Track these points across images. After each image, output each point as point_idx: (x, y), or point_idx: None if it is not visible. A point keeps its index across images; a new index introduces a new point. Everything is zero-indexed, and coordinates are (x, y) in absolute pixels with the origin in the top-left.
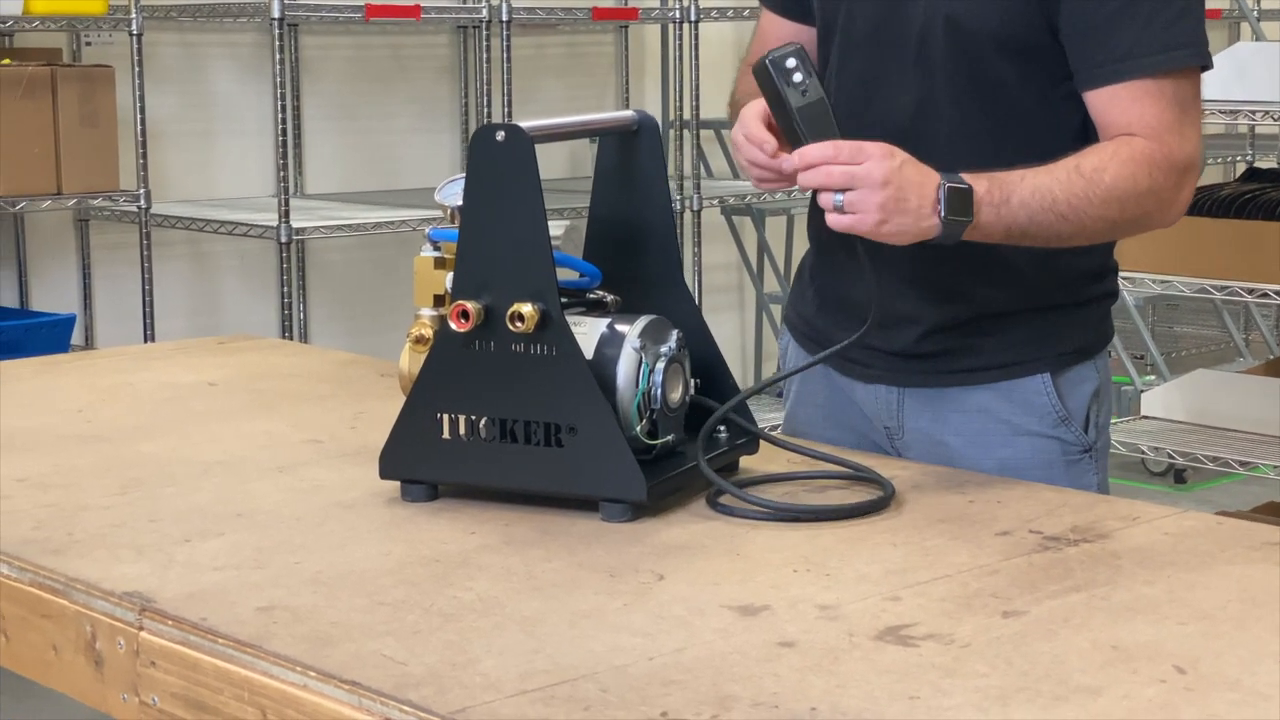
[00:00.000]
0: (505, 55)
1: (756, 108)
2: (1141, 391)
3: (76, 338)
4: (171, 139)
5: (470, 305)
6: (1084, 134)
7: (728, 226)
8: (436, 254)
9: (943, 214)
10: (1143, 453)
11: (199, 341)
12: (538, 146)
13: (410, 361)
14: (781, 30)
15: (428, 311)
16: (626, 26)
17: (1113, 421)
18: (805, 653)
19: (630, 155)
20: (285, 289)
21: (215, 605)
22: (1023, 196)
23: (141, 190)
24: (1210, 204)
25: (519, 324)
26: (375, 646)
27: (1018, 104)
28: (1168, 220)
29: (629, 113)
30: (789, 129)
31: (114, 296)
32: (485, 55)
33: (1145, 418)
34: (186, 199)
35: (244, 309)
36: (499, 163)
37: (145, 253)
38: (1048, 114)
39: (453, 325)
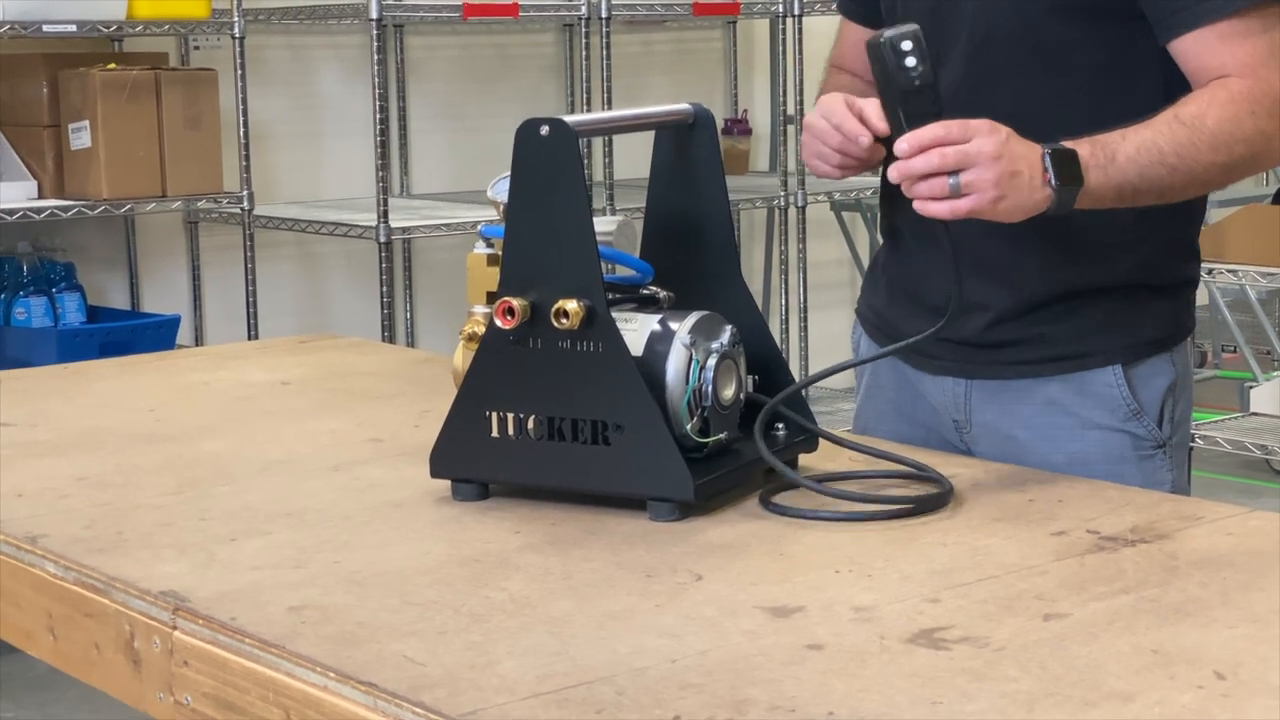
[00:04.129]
0: (605, 52)
1: (840, 98)
2: (1249, 388)
3: (187, 339)
4: (280, 140)
5: (516, 302)
6: (1167, 99)
7: (838, 223)
8: (490, 251)
9: (1054, 182)
10: (1249, 450)
11: (280, 341)
12: (642, 141)
13: (464, 359)
14: (860, 36)
15: (480, 309)
16: (734, 22)
17: (1221, 418)
18: (832, 656)
19: (686, 149)
20: (384, 288)
21: (247, 605)
22: (1128, 153)
23: (245, 192)
24: None
25: (564, 320)
26: (398, 647)
27: (1086, 69)
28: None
29: (685, 106)
30: (893, 113)
31: (223, 297)
32: (585, 52)
33: (1254, 414)
34: (294, 200)
35: (351, 309)
36: (543, 158)
37: (249, 254)
38: (1122, 79)
39: (498, 322)
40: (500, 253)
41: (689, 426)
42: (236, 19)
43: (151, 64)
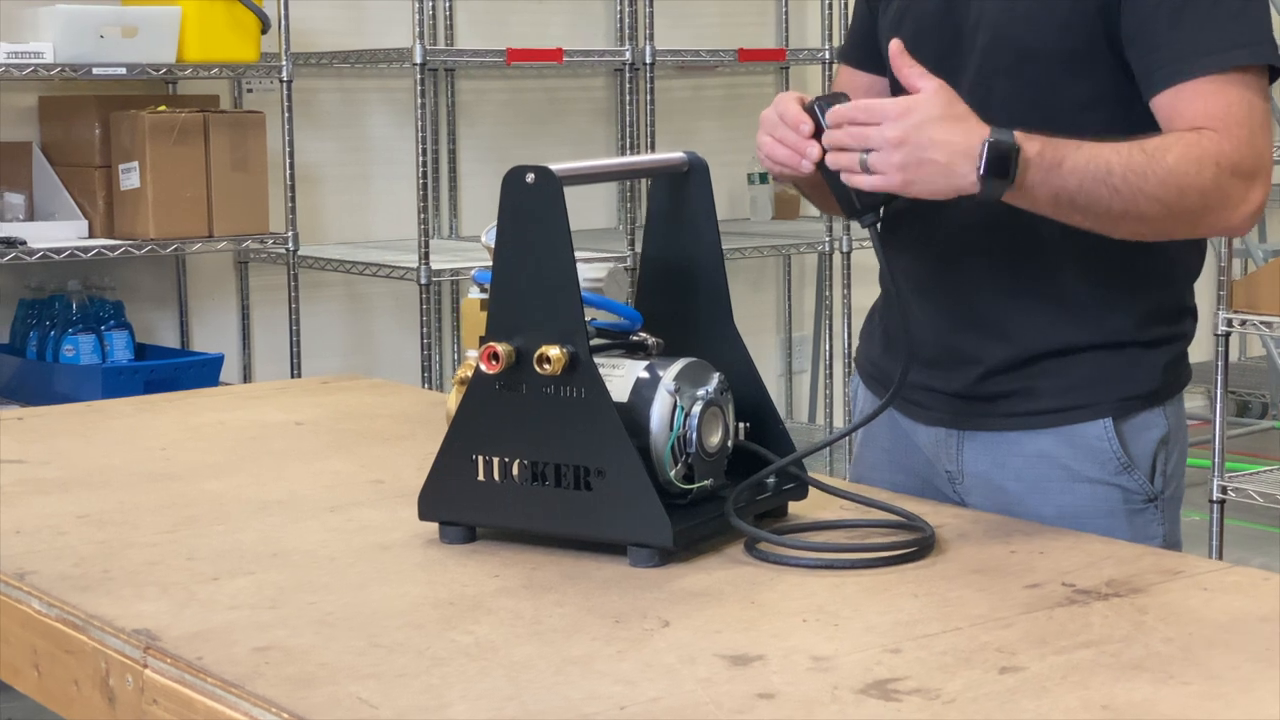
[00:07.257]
0: (650, 97)
1: (793, 93)
2: None
3: (234, 377)
4: (330, 182)
5: (500, 347)
6: None
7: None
8: (484, 296)
9: (982, 172)
10: (1279, 503)
11: (302, 381)
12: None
13: (456, 402)
14: (857, 81)
15: (473, 353)
16: (787, 68)
17: (1255, 470)
18: (782, 705)
19: (681, 197)
20: (424, 330)
21: (216, 644)
22: (1076, 162)
23: (290, 233)
24: None
25: (546, 366)
26: (354, 689)
27: (1085, 129)
28: (1234, 224)
29: (678, 154)
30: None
31: (271, 337)
32: (632, 97)
33: None
34: (344, 240)
35: (396, 349)
36: (529, 205)
37: (293, 294)
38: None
39: (483, 367)
40: None
41: (672, 473)
42: (285, 62)
43: (202, 106)
